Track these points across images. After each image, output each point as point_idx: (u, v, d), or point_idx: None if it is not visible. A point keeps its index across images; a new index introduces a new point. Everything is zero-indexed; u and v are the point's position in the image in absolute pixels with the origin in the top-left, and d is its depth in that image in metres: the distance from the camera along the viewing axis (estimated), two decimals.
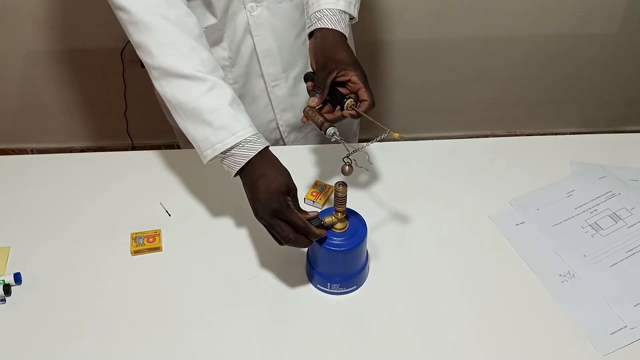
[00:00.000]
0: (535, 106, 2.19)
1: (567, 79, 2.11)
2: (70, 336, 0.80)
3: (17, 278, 0.86)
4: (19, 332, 0.80)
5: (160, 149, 1.11)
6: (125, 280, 0.87)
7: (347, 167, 0.78)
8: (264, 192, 0.77)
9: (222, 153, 0.80)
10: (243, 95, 1.07)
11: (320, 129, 0.80)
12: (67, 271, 0.88)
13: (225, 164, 0.82)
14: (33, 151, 2.18)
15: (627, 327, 0.80)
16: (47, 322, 0.81)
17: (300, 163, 1.05)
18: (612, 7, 1.92)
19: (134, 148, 2.14)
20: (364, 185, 1.01)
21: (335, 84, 0.84)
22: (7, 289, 0.84)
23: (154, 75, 0.83)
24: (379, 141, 0.78)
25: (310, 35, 0.86)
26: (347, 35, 0.87)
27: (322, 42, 0.84)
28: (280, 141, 1.17)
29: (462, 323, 0.81)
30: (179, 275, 0.87)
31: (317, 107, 0.82)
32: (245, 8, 0.96)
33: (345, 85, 0.84)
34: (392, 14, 1.88)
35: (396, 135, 0.75)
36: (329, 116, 0.83)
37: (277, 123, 1.13)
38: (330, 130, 0.79)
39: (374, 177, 1.02)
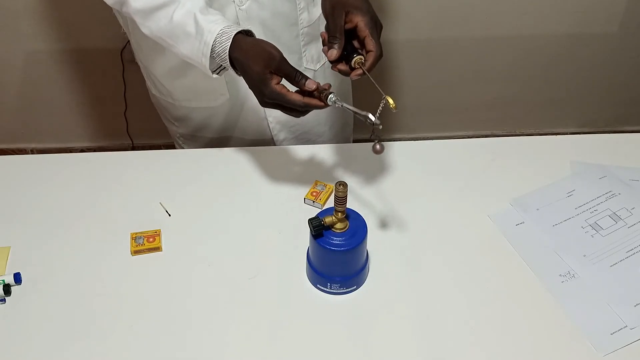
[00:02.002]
0: (535, 106, 2.19)
1: (567, 79, 2.11)
2: (70, 336, 0.80)
3: (17, 278, 0.86)
4: (19, 332, 0.80)
5: (160, 149, 1.11)
6: (125, 280, 0.87)
7: (377, 145, 0.76)
8: (252, 87, 0.81)
9: (212, 57, 0.83)
10: (236, 92, 1.07)
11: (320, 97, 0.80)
12: (67, 271, 0.88)
13: (226, 67, 0.85)
14: (33, 151, 2.18)
15: (627, 327, 0.80)
16: (47, 322, 0.81)
17: (300, 163, 1.05)
18: (612, 7, 1.92)
19: (134, 148, 2.14)
20: (364, 186, 1.01)
21: (346, 33, 0.81)
22: (7, 289, 0.84)
23: (139, 22, 0.89)
24: (380, 112, 0.76)
25: None
26: None
27: None
28: (271, 142, 1.16)
29: (462, 323, 0.81)
30: (179, 275, 0.87)
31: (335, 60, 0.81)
32: (234, 2, 0.95)
33: (356, 34, 0.82)
34: (391, 14, 1.88)
35: (391, 103, 0.74)
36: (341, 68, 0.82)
37: (267, 120, 1.12)
38: (332, 97, 0.78)
39: (374, 177, 1.02)
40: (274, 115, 1.11)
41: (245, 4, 0.96)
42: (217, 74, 0.88)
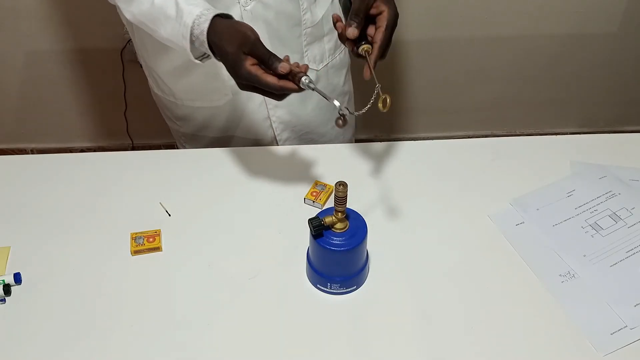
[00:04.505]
0: (535, 106, 2.19)
1: (567, 79, 2.11)
2: (70, 336, 0.80)
3: (17, 278, 0.86)
4: (19, 332, 0.80)
5: (160, 149, 1.11)
6: (125, 280, 0.87)
7: (340, 120, 0.77)
8: (229, 69, 0.81)
9: (192, 41, 0.83)
10: (238, 92, 1.07)
11: (294, 79, 0.79)
12: (67, 271, 0.88)
13: (208, 54, 0.85)
14: (33, 151, 2.18)
15: (627, 327, 0.80)
16: (47, 322, 0.81)
17: (300, 163, 1.05)
18: (612, 7, 1.92)
19: (134, 148, 2.14)
20: (364, 185, 1.01)
21: (367, 17, 0.82)
22: (7, 289, 0.84)
23: (122, 7, 0.90)
24: (372, 103, 0.77)
25: None
26: None
27: None
28: (274, 141, 1.16)
29: (462, 323, 0.81)
30: (179, 276, 0.87)
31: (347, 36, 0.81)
32: (239, 2, 0.96)
33: (375, 20, 0.82)
34: None
35: (382, 104, 0.76)
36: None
37: (270, 120, 1.12)
38: (304, 80, 0.78)
39: (374, 177, 1.02)
40: (277, 115, 1.12)
41: (250, 4, 0.96)
42: (201, 60, 0.88)
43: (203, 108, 1.12)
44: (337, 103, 0.77)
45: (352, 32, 0.81)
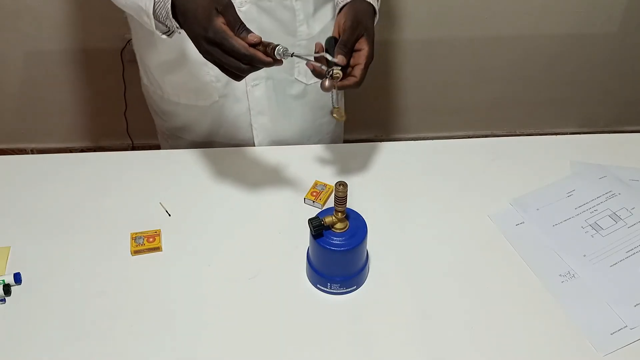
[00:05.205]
0: (535, 106, 2.19)
1: (567, 79, 2.11)
2: (70, 336, 0.80)
3: (17, 278, 0.86)
4: (19, 332, 0.80)
5: (160, 149, 1.11)
6: (125, 281, 0.87)
7: (327, 81, 0.76)
8: (195, 25, 0.74)
9: (155, 11, 0.80)
10: (226, 95, 1.07)
11: (275, 56, 0.75)
12: (67, 271, 0.88)
13: (166, 24, 0.82)
14: (33, 151, 2.18)
15: (627, 327, 0.80)
16: (47, 322, 0.81)
17: (300, 163, 1.05)
18: (612, 7, 1.92)
19: (134, 148, 2.14)
20: (364, 185, 1.01)
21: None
22: (7, 289, 0.84)
23: None
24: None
25: (340, 10, 0.89)
26: (376, 13, 0.90)
27: (357, 6, 0.87)
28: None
29: (462, 323, 0.81)
30: (179, 276, 0.87)
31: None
32: (234, 2, 0.95)
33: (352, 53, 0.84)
34: (391, 14, 1.88)
35: (340, 115, 0.78)
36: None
37: (252, 127, 1.11)
38: (279, 48, 0.74)
39: (374, 177, 1.02)
40: (260, 123, 1.11)
41: (245, 6, 0.96)
42: (166, 35, 0.84)
43: (188, 106, 1.11)
44: (328, 56, 0.76)
45: (342, 59, 0.81)
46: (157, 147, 1.27)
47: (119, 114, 2.03)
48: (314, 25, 1.05)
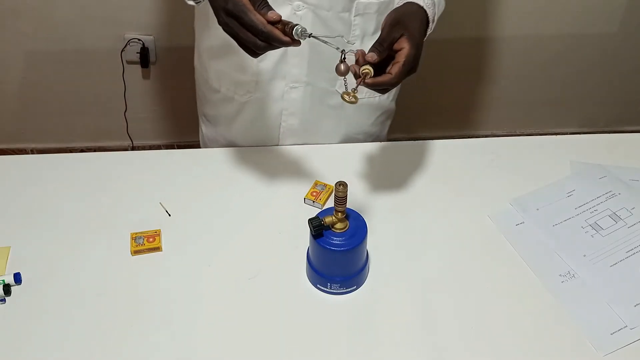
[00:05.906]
0: (535, 106, 2.19)
1: (567, 79, 2.11)
2: (70, 336, 0.80)
3: (17, 278, 0.86)
4: (19, 332, 0.80)
5: (160, 149, 1.11)
6: (125, 281, 0.87)
7: (342, 65, 0.74)
8: None
9: None
10: (263, 94, 1.06)
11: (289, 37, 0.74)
12: (67, 271, 0.88)
13: None
14: (33, 151, 2.18)
15: (627, 327, 0.80)
16: (47, 322, 0.81)
17: (300, 163, 1.05)
18: (612, 7, 1.92)
19: (134, 148, 2.14)
20: (364, 185, 1.01)
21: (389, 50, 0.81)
22: (7, 289, 0.84)
23: None
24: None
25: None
26: (430, 20, 0.89)
27: (402, 8, 0.85)
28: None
29: (462, 323, 0.81)
30: (179, 275, 0.87)
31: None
32: (291, 5, 0.93)
33: (392, 51, 0.81)
34: None
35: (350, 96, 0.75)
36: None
37: (280, 128, 1.11)
38: (298, 28, 0.73)
39: (374, 177, 1.02)
40: (289, 124, 1.10)
41: (302, 10, 0.94)
42: (194, 2, 0.84)
43: (226, 98, 1.10)
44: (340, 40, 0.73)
45: (372, 56, 0.78)
46: (157, 147, 1.27)
47: (119, 114, 2.03)
48: (368, 43, 0.98)
